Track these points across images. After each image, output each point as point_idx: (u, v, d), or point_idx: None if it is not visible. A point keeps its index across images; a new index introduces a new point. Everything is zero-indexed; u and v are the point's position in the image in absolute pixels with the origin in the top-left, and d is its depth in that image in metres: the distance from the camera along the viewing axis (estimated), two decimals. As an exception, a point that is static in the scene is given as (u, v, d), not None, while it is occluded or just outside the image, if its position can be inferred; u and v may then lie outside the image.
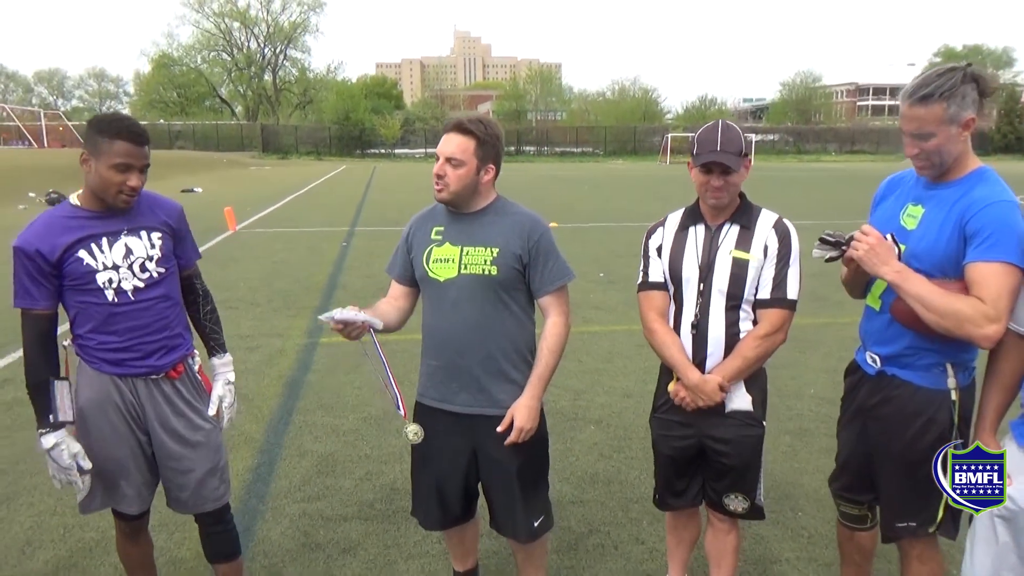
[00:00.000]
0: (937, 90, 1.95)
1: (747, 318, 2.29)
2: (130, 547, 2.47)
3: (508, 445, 2.31)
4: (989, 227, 1.89)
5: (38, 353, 2.16)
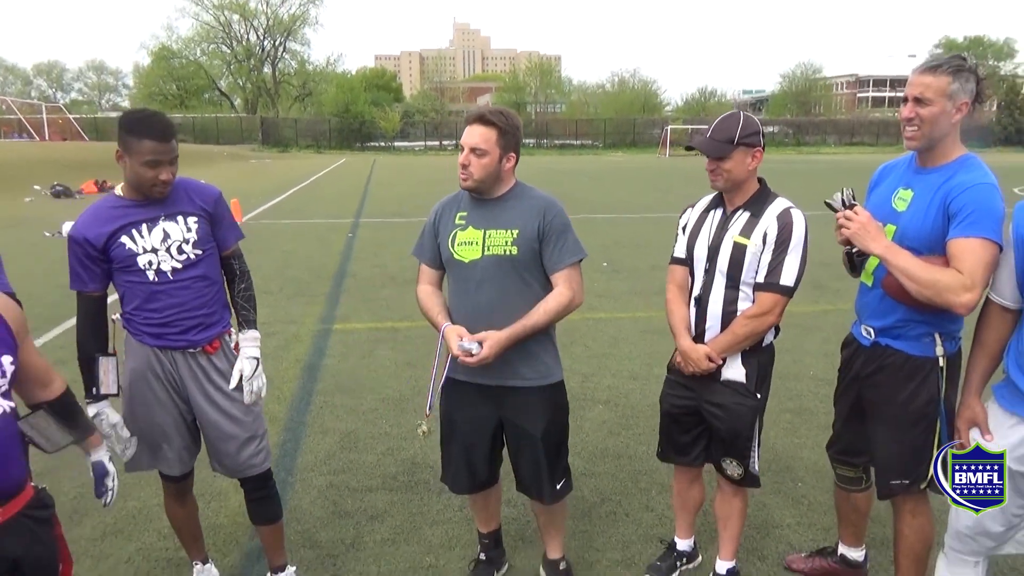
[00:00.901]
0: (948, 64, 2.17)
1: (745, 298, 2.46)
2: (176, 508, 2.67)
3: (530, 413, 2.51)
4: (969, 207, 2.08)
5: (88, 330, 2.35)
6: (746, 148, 2.39)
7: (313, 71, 76.18)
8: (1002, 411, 2.07)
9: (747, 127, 2.39)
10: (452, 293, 2.61)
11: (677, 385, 2.65)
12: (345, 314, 7.07)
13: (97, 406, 2.31)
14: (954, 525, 2.20)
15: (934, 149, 2.23)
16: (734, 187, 2.45)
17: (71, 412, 1.93)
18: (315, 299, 7.60)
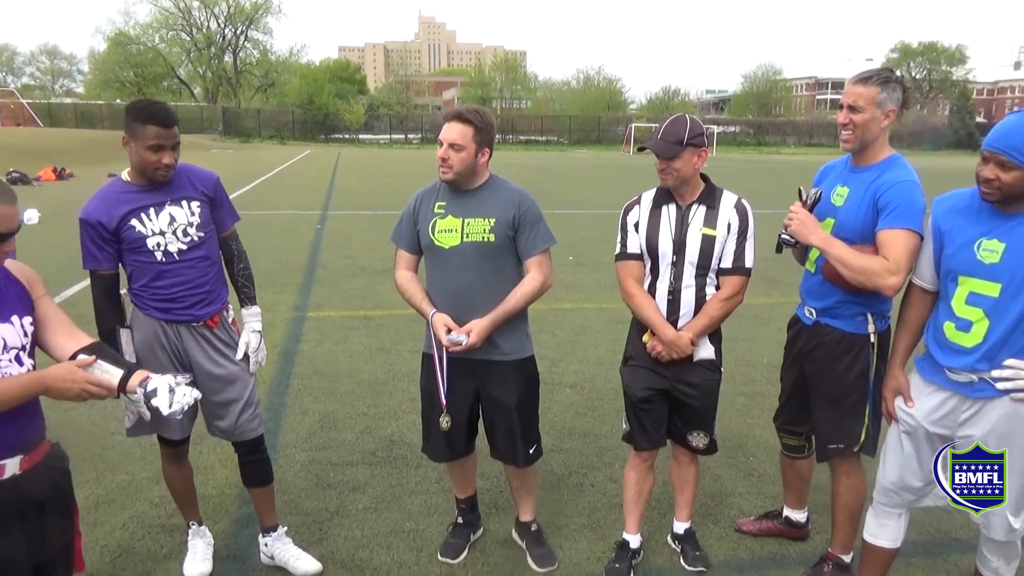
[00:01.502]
0: (877, 76, 2.47)
1: (711, 284, 2.71)
2: (174, 471, 2.85)
3: (506, 385, 2.75)
4: (895, 201, 2.37)
5: (106, 306, 2.52)
6: (693, 148, 2.61)
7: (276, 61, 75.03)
8: (922, 380, 2.37)
9: (693, 129, 2.61)
10: (431, 277, 2.82)
11: (646, 371, 2.79)
12: (318, 303, 7.20)
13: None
14: (881, 481, 2.50)
15: (866, 151, 2.52)
16: (683, 184, 2.66)
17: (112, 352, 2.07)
18: (287, 288, 7.71)
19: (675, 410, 2.86)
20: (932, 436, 2.33)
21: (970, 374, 2.21)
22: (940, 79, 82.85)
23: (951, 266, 2.26)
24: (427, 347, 2.88)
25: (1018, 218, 2.13)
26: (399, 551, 3.05)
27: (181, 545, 3.00)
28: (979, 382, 2.20)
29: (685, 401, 2.79)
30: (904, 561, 3.01)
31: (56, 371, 1.81)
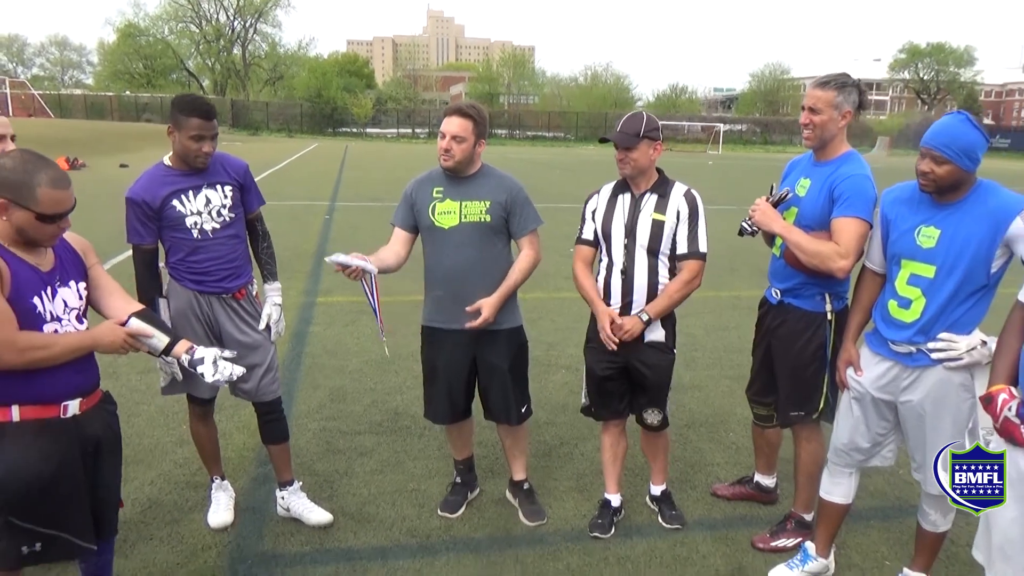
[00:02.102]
0: (835, 81, 2.75)
1: (663, 265, 2.96)
2: (201, 427, 3.16)
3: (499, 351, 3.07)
4: (847, 192, 2.66)
5: (147, 277, 2.83)
6: (649, 141, 2.88)
7: (284, 54, 75.35)
8: (870, 352, 2.66)
9: (649, 124, 2.89)
10: (431, 256, 3.13)
11: (604, 351, 3.03)
12: (327, 289, 7.51)
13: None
14: (834, 443, 2.79)
15: (825, 147, 2.81)
16: (639, 174, 2.93)
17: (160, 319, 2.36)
18: (297, 275, 8.02)
19: (634, 387, 3.11)
20: (878, 401, 2.62)
21: (909, 346, 2.49)
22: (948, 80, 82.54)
23: (895, 250, 2.54)
24: (426, 320, 3.19)
25: (951, 208, 2.41)
26: (403, 507, 3.36)
27: (204, 499, 3.31)
28: (917, 353, 2.48)
29: (640, 380, 3.05)
30: (864, 523, 3.32)
31: (102, 328, 2.12)
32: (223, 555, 2.96)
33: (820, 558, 2.87)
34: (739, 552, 3.08)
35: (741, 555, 3.06)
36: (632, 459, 3.65)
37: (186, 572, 2.84)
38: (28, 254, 2.03)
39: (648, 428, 3.17)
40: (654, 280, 2.97)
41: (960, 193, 2.40)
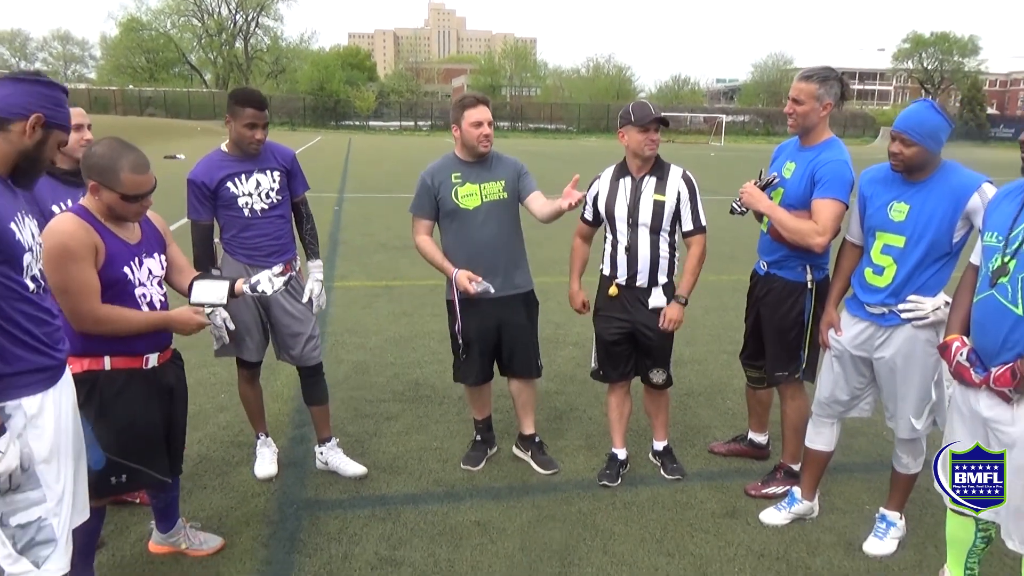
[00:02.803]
0: (817, 74, 3.07)
1: (664, 242, 3.29)
2: (248, 389, 3.50)
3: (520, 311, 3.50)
4: (827, 176, 2.98)
5: (202, 250, 3.17)
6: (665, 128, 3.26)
7: (286, 48, 75.48)
8: (848, 315, 2.99)
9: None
10: (455, 236, 3.44)
11: (612, 318, 3.41)
12: (343, 274, 7.85)
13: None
14: (817, 397, 3.13)
15: (808, 134, 3.13)
16: (654, 155, 3.28)
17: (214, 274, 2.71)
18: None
19: (639, 351, 3.46)
20: (855, 358, 2.95)
21: (882, 307, 2.82)
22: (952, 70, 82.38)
23: (870, 223, 2.86)
24: (448, 295, 3.52)
25: (919, 185, 2.73)
26: (428, 462, 3.70)
27: (249, 455, 3.66)
28: (888, 314, 2.81)
29: (646, 343, 3.39)
30: (848, 475, 3.66)
31: (179, 313, 2.46)
32: (271, 500, 3.31)
33: (805, 501, 3.21)
34: (733, 498, 3.42)
35: (735, 500, 3.40)
36: (636, 422, 3.98)
37: (240, 514, 3.18)
38: (119, 229, 2.36)
39: (653, 387, 3.50)
40: (656, 255, 3.30)
41: (926, 172, 2.72)
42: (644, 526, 3.17)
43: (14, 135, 1.82)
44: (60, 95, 1.89)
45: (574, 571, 2.84)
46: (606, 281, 3.44)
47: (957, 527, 2.59)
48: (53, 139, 1.88)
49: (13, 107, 1.82)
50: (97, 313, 2.26)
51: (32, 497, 1.83)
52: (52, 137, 1.87)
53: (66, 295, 2.19)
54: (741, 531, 3.16)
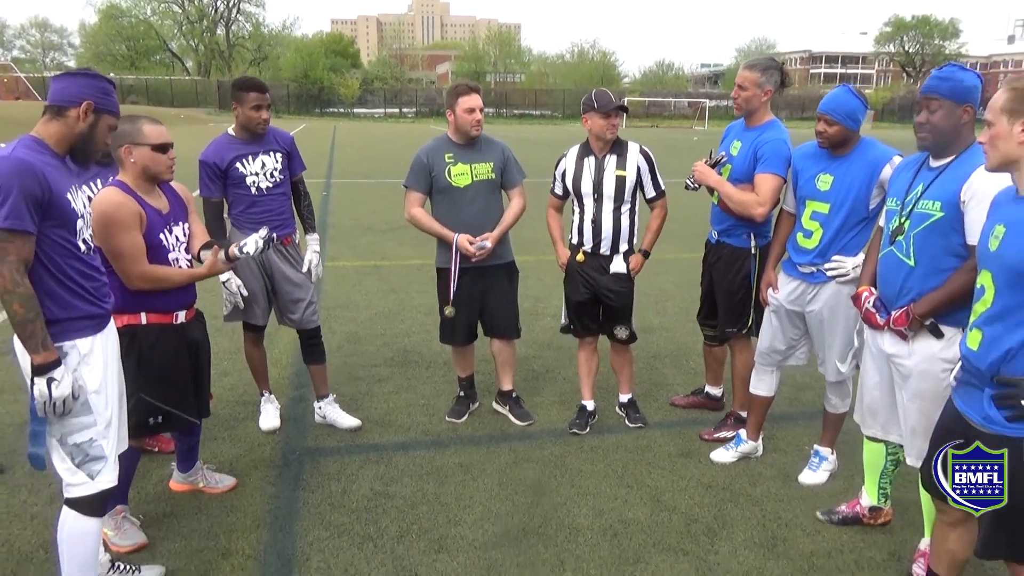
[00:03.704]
0: (758, 65, 3.45)
1: (625, 213, 3.68)
2: (253, 350, 3.86)
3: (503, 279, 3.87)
4: (767, 153, 3.38)
5: (215, 226, 3.52)
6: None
7: (268, 34, 74.97)
8: (784, 275, 3.40)
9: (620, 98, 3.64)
10: (448, 210, 3.80)
11: (579, 282, 3.81)
12: (332, 255, 8.19)
13: (228, 273, 3.45)
14: (758, 348, 3.54)
15: (752, 116, 3.52)
16: (614, 137, 3.65)
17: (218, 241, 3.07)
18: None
19: (603, 312, 3.87)
20: (790, 312, 3.36)
21: (811, 266, 3.23)
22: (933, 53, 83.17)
23: (801, 194, 3.27)
24: (441, 263, 3.87)
25: (841, 159, 3.13)
26: (416, 416, 4.10)
27: (254, 412, 4.03)
28: (816, 272, 3.22)
29: (608, 304, 3.80)
30: (792, 423, 4.09)
31: (207, 264, 2.82)
32: (276, 449, 3.69)
33: (750, 441, 3.64)
34: (688, 442, 3.84)
35: (690, 444, 3.82)
36: (606, 380, 4.39)
37: (248, 460, 3.57)
38: (152, 199, 2.71)
39: (618, 342, 3.91)
40: (618, 224, 3.69)
41: (847, 148, 3.12)
42: (608, 465, 3.59)
43: (70, 120, 2.17)
44: (107, 85, 2.24)
45: (545, 501, 3.25)
46: (574, 249, 3.83)
47: (871, 453, 3.02)
48: (103, 123, 2.22)
49: (68, 97, 2.17)
50: (146, 272, 2.63)
51: (85, 421, 2.20)
52: (102, 121, 2.22)
53: (119, 259, 2.56)
54: (693, 468, 3.58)
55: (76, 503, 2.21)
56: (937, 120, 2.48)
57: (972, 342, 2.11)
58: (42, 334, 2.04)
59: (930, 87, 2.50)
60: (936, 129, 2.49)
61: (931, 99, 2.49)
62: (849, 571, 2.81)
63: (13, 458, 3.51)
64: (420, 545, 2.91)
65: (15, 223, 1.98)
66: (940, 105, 2.47)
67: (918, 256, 2.55)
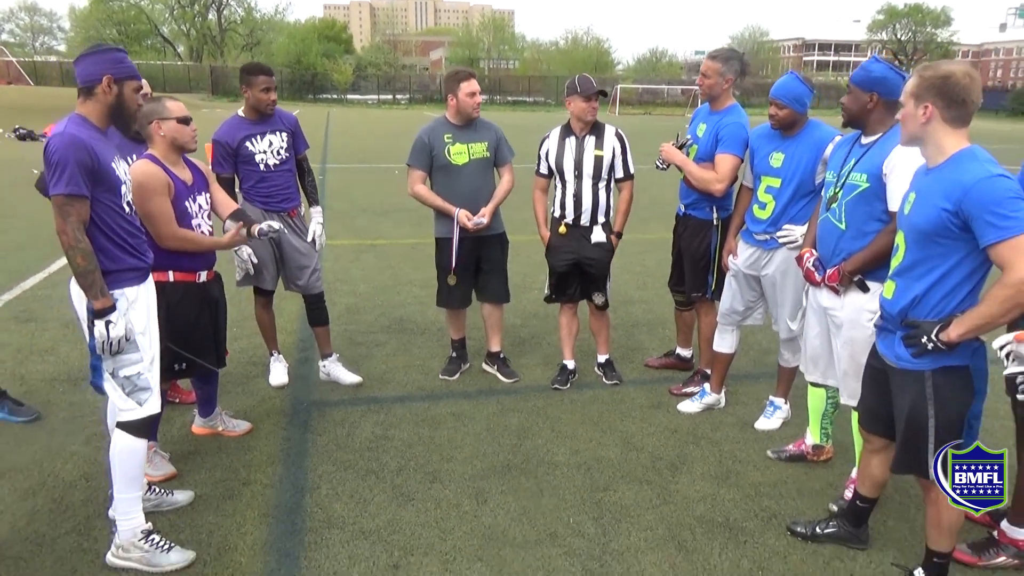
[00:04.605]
0: (720, 55, 3.83)
1: (602, 188, 4.05)
2: (264, 313, 4.24)
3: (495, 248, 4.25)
4: (726, 135, 3.76)
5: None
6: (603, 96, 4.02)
7: (261, 19, 74.55)
8: (742, 243, 3.79)
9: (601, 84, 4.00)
10: (447, 187, 4.16)
11: (561, 251, 4.19)
12: (331, 234, 8.40)
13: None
14: (720, 309, 3.94)
15: (715, 101, 3.91)
16: (594, 119, 4.03)
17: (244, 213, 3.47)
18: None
19: (583, 278, 4.25)
20: (748, 276, 3.76)
21: (765, 235, 3.62)
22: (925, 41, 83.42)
23: (757, 170, 3.66)
24: (440, 233, 4.24)
25: (791, 139, 3.51)
26: (412, 375, 4.49)
27: (263, 371, 4.41)
28: (769, 240, 3.61)
29: (588, 270, 4.18)
30: (754, 380, 4.49)
31: (226, 236, 3.19)
32: (285, 401, 4.08)
33: (713, 393, 4.05)
34: (659, 396, 4.25)
35: (660, 397, 4.23)
36: (585, 345, 4.79)
37: (262, 409, 3.96)
38: (178, 170, 3.08)
39: (596, 307, 4.30)
40: (596, 199, 4.07)
41: (796, 129, 3.51)
42: (585, 414, 3.99)
43: (99, 96, 2.52)
44: (118, 54, 2.54)
45: (527, 443, 3.65)
46: (556, 222, 4.21)
47: (814, 398, 3.44)
48: (127, 88, 2.54)
49: (89, 76, 2.51)
50: (177, 233, 3.01)
51: (133, 358, 2.57)
52: (126, 87, 2.54)
53: (151, 221, 2.93)
54: (662, 416, 3.99)
55: (127, 426, 2.59)
56: (847, 102, 2.92)
57: (887, 292, 2.50)
58: (100, 283, 2.42)
59: (851, 77, 2.92)
60: (847, 109, 2.94)
61: (849, 85, 2.92)
62: (791, 497, 3.23)
63: (48, 408, 3.89)
64: (417, 477, 3.31)
65: (74, 189, 2.35)
66: (851, 91, 2.89)
67: (848, 221, 2.94)
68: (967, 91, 2.20)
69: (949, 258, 2.24)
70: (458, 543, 2.84)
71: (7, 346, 4.72)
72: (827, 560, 2.79)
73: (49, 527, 2.86)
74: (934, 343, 2.23)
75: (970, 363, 2.30)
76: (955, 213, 2.16)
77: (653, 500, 3.17)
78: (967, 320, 2.17)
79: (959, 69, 2.23)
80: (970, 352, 2.29)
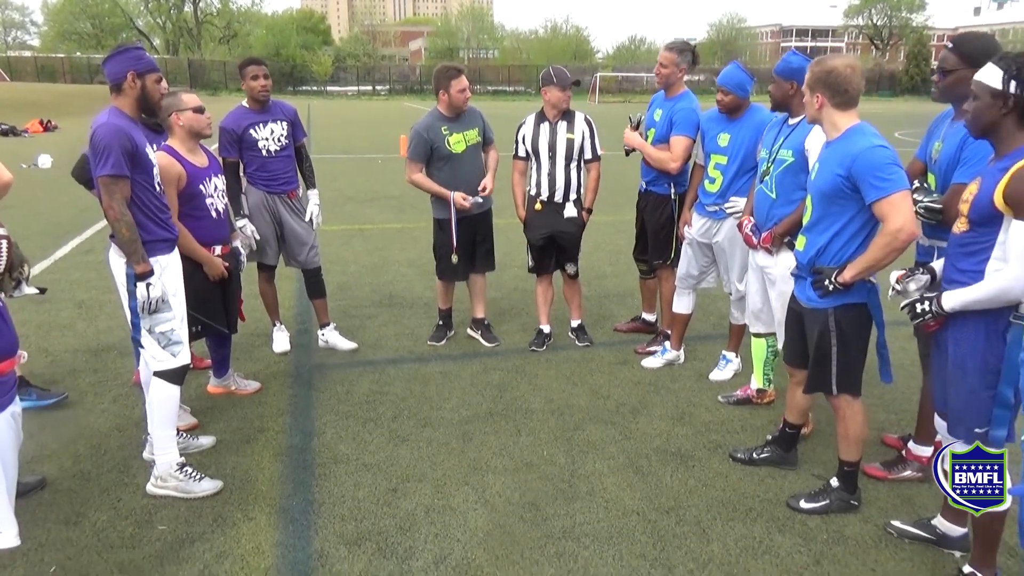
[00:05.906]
0: (675, 47, 4.30)
1: (574, 169, 4.51)
2: (267, 287, 4.66)
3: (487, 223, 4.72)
4: (679, 119, 4.23)
5: (233, 181, 4.28)
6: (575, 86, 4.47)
7: (237, 11, 74.00)
8: (696, 214, 4.27)
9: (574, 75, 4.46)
10: (446, 173, 4.59)
11: (538, 226, 4.64)
12: (320, 221, 8.94)
13: (243, 219, 4.24)
14: (677, 273, 4.42)
15: (670, 89, 4.37)
16: (567, 107, 4.49)
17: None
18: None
19: (558, 250, 4.72)
20: (701, 244, 4.24)
21: (714, 206, 4.10)
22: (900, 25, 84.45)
23: (707, 149, 4.13)
24: (439, 215, 4.69)
25: (736, 121, 3.98)
26: (403, 341, 4.95)
27: (266, 341, 4.84)
28: (718, 211, 4.09)
29: (562, 243, 4.65)
30: (712, 341, 4.98)
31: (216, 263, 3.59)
32: (289, 365, 4.52)
33: (673, 350, 4.55)
34: (625, 355, 4.74)
35: (626, 356, 4.72)
36: (560, 314, 5.26)
37: (268, 372, 4.39)
38: (193, 157, 3.49)
39: (569, 276, 4.78)
40: (569, 178, 4.53)
41: (740, 112, 3.99)
42: (559, 370, 4.47)
43: (127, 90, 2.93)
44: (137, 51, 2.93)
45: (507, 395, 4.12)
46: (532, 199, 4.66)
47: (757, 347, 3.93)
48: (150, 80, 2.94)
49: (116, 75, 2.91)
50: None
51: (167, 316, 3.00)
52: (147, 80, 2.94)
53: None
54: (627, 371, 4.48)
55: (164, 374, 3.02)
56: (772, 90, 3.42)
57: (799, 245, 2.99)
58: (141, 250, 2.84)
59: (775, 68, 3.40)
60: (773, 96, 3.44)
61: (773, 75, 3.40)
62: (736, 432, 3.73)
63: (75, 375, 4.31)
64: (410, 423, 3.77)
65: (118, 170, 2.77)
66: (775, 80, 3.37)
67: (778, 191, 3.43)
68: (848, 81, 2.68)
69: (844, 215, 2.72)
70: (447, 472, 3.30)
71: (29, 323, 5.11)
72: (761, 478, 3.29)
73: (93, 466, 3.29)
74: (834, 284, 2.72)
75: (867, 300, 2.79)
76: (847, 177, 2.64)
77: (616, 437, 3.65)
78: (857, 264, 2.67)
79: (840, 63, 2.70)
80: (866, 291, 2.78)
